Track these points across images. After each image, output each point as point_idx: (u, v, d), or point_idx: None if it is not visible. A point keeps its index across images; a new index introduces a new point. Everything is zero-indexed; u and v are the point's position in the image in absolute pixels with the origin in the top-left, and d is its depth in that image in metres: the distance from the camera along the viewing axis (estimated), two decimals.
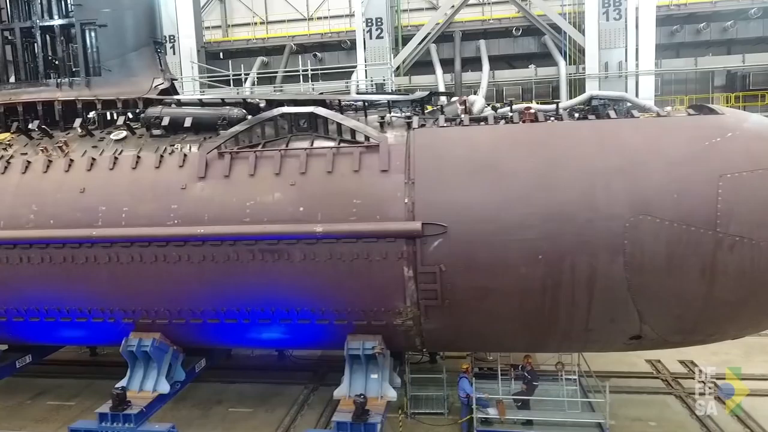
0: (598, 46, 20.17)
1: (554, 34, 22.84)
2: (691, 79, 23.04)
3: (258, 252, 9.76)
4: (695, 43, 23.33)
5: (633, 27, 20.17)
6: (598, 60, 20.24)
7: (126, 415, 10.00)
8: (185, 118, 10.94)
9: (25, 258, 10.51)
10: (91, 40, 12.13)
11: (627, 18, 20.15)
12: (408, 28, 23.76)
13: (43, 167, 10.92)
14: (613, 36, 20.19)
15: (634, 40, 20.15)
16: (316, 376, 15.02)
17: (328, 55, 25.15)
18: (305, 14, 26.77)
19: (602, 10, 20.06)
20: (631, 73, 20.10)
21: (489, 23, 24.00)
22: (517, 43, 24.18)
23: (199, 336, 11.05)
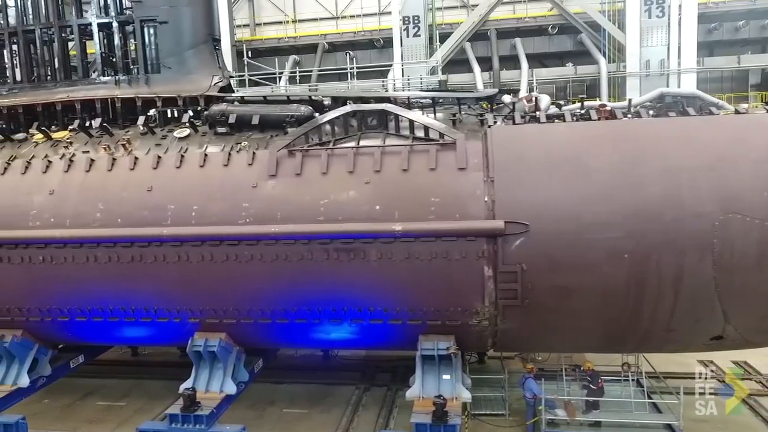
0: (640, 43, 20.04)
1: (591, 32, 22.71)
2: (727, 77, 22.85)
3: (333, 251, 9.63)
4: (731, 41, 23.13)
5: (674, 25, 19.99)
6: (639, 58, 20.10)
7: (198, 416, 9.86)
8: (252, 116, 10.81)
9: (92, 257, 10.39)
10: (150, 37, 11.99)
11: (670, 16, 20.00)
12: (442, 27, 23.64)
13: (108, 165, 10.80)
14: (655, 34, 20.03)
15: (675, 38, 19.97)
16: (365, 376, 14.89)
17: (360, 53, 25.01)
18: (334, 13, 26.64)
19: (644, 7, 19.92)
20: (673, 71, 19.95)
21: (524, 21, 23.88)
22: (551, 41, 24.03)
23: (265, 336, 10.94)
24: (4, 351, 11.40)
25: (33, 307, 11.08)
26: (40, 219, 10.58)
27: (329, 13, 26.72)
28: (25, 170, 11.09)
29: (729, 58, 22.23)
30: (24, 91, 12.70)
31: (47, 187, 10.80)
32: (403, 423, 12.16)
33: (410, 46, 21.40)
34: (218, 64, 12.39)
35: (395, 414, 12.73)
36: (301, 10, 27.08)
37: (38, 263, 10.62)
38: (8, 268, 10.77)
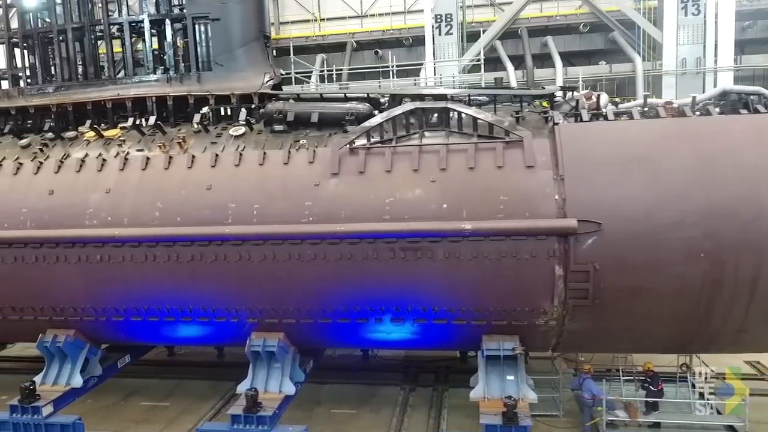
0: (676, 41, 19.87)
1: (624, 31, 22.54)
2: (759, 75, 22.64)
3: (399, 250, 9.52)
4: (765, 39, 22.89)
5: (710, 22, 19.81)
6: (675, 56, 19.93)
7: (261, 416, 9.76)
8: (311, 114, 10.69)
9: (151, 256, 10.29)
10: (202, 35, 11.89)
11: (706, 13, 19.82)
12: (471, 25, 23.49)
13: (164, 164, 10.70)
14: (692, 32, 19.86)
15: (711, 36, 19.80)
16: (407, 377, 14.78)
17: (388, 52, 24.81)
18: (359, 11, 26.49)
19: (681, 5, 19.75)
20: (710, 70, 19.79)
21: (555, 20, 23.73)
22: (581, 40, 23.87)
23: (323, 336, 10.84)
24: (57, 351, 11.31)
25: (88, 306, 10.98)
26: (97, 218, 10.49)
27: (354, 11, 26.57)
28: (79, 168, 10.99)
29: (766, 56, 22.03)
30: (72, 89, 12.60)
31: (103, 185, 10.70)
32: (455, 423, 12.08)
33: (442, 44, 21.29)
34: (269, 62, 12.27)
35: (445, 415, 12.60)
36: (325, 9, 26.93)
37: (95, 262, 10.52)
38: (64, 268, 10.67)
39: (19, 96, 12.96)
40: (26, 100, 12.88)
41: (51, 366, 11.45)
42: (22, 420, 10.56)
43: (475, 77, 20.59)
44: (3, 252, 10.82)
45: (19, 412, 10.59)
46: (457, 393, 13.61)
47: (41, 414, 10.54)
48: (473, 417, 12.34)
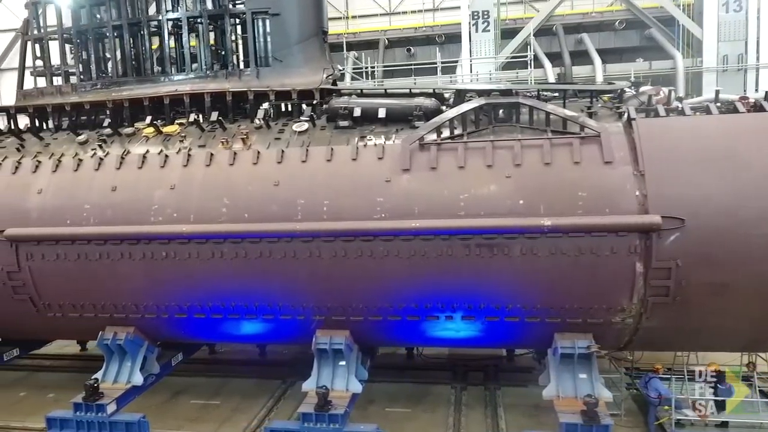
0: (717, 38, 19.73)
1: (661, 27, 22.40)
2: None
3: (474, 246, 9.41)
4: None
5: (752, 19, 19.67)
6: (717, 53, 19.79)
7: (332, 415, 9.66)
8: (378, 109, 10.58)
9: (218, 253, 10.19)
10: (261, 30, 11.79)
11: (748, 10, 19.69)
12: (505, 22, 23.38)
13: (229, 160, 10.60)
14: (733, 28, 19.71)
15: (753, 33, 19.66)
16: (456, 375, 14.66)
17: (418, 50, 24.78)
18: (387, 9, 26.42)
19: (722, 2, 19.61)
20: (752, 66, 19.64)
21: (590, 16, 23.61)
22: (617, 37, 23.75)
23: (390, 334, 10.75)
24: (117, 348, 11.24)
25: (150, 303, 10.90)
26: (163, 214, 10.40)
27: (383, 9, 26.50)
28: (141, 165, 10.91)
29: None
30: (127, 85, 12.52)
31: (167, 181, 10.61)
32: (514, 423, 11.95)
33: (479, 41, 21.18)
34: (327, 58, 12.16)
35: (502, 414, 12.47)
36: (354, 7, 26.86)
37: (160, 259, 10.44)
38: (128, 264, 10.60)
39: (73, 92, 12.89)
40: (79, 96, 12.81)
41: (110, 364, 11.36)
42: (86, 418, 10.49)
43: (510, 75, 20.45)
44: (66, 249, 10.75)
45: (83, 410, 10.52)
46: (509, 392, 13.54)
47: (106, 412, 10.47)
48: (530, 416, 12.36)
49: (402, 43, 25.47)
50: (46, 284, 11.09)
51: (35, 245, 10.86)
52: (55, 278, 11.02)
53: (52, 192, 11.02)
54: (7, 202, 11.15)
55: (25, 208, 11.01)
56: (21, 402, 14.16)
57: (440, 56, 23.30)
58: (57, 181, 11.12)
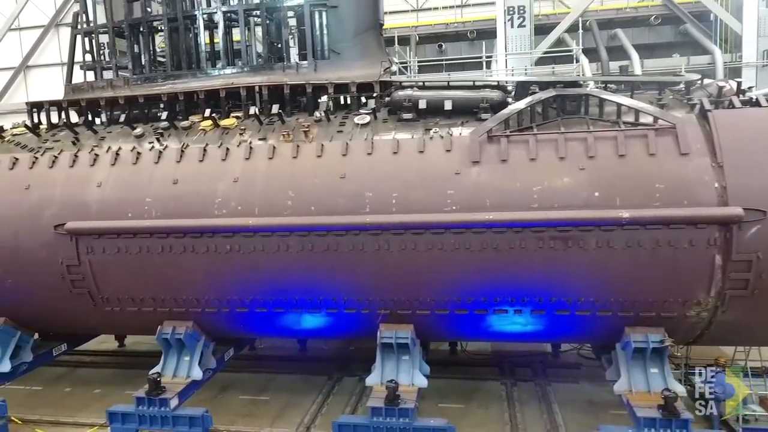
0: (757, 33, 19.58)
1: (696, 23, 22.27)
2: None
3: (548, 239, 9.31)
4: None
5: None
6: (756, 48, 19.65)
7: (402, 409, 9.58)
8: (444, 101, 10.49)
9: (284, 246, 10.11)
10: (319, 23, 11.71)
11: None
12: (538, 18, 23.27)
13: (292, 153, 10.51)
14: None
15: None
16: (503, 371, 14.56)
17: (449, 45, 24.66)
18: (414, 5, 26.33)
19: None
20: None
21: (624, 12, 23.48)
22: (650, 32, 23.60)
23: (454, 328, 10.68)
24: (176, 342, 11.17)
25: (212, 297, 10.83)
26: (227, 207, 10.33)
27: (410, 5, 26.40)
28: (202, 157, 10.83)
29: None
30: (181, 78, 12.46)
31: (230, 174, 10.53)
32: (571, 419, 11.83)
33: (514, 36, 21.07)
34: (384, 51, 12.07)
35: (556, 409, 12.35)
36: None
37: (224, 252, 10.36)
38: (191, 258, 10.53)
39: (124, 86, 12.83)
40: (131, 90, 12.75)
41: (169, 358, 11.31)
42: (149, 412, 10.43)
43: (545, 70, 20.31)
44: (127, 242, 10.69)
45: (146, 404, 10.46)
46: (560, 388, 13.42)
47: (169, 406, 10.40)
48: (586, 412, 12.25)
49: (431, 39, 25.37)
50: (106, 278, 11.03)
51: (96, 238, 10.80)
52: (115, 272, 10.95)
53: (112, 185, 10.96)
54: (66, 196, 11.08)
55: (84, 202, 10.95)
56: (67, 397, 14.13)
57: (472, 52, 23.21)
58: (116, 174, 11.05)
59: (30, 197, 11.24)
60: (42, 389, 14.50)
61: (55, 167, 11.43)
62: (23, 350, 12.53)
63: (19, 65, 29.35)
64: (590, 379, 13.80)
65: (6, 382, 12.34)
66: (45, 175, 11.38)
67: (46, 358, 13.36)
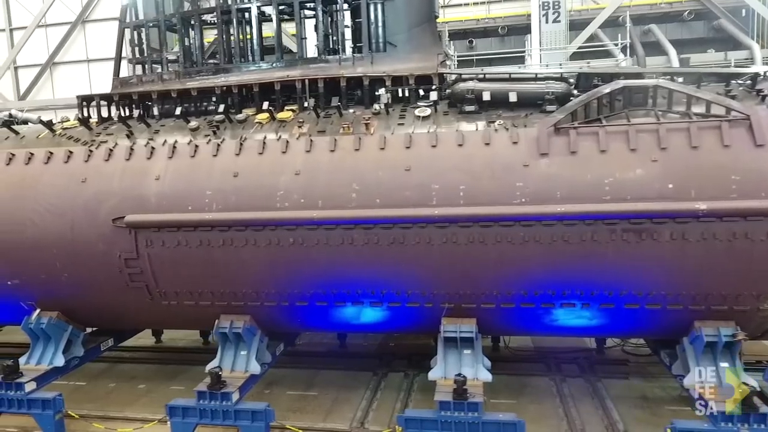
0: None
1: (731, 18, 22.14)
2: None
3: (620, 231, 9.22)
4: None
5: None
6: None
7: (471, 403, 9.51)
8: (509, 93, 10.40)
9: (348, 239, 10.04)
10: (376, 15, 11.63)
11: None
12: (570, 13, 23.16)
13: (355, 145, 10.44)
14: None
15: None
16: (550, 368, 14.46)
17: (479, 41, 24.57)
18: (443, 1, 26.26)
19: None
20: None
21: (658, 7, 23.35)
22: (683, 28, 23.46)
23: (516, 321, 10.58)
24: (234, 337, 11.12)
25: (272, 291, 10.77)
26: (289, 200, 10.25)
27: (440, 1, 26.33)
28: (262, 150, 10.76)
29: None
30: (235, 71, 12.40)
31: (291, 167, 10.46)
32: (628, 414, 11.72)
33: (549, 32, 20.97)
34: (439, 43, 11.98)
35: (610, 405, 12.25)
36: None
37: (286, 246, 10.29)
38: (252, 251, 10.46)
39: (175, 79, 12.78)
40: (182, 83, 12.69)
41: (226, 352, 11.25)
42: (210, 406, 10.38)
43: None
44: (187, 235, 10.63)
45: (208, 398, 10.40)
46: (611, 384, 13.31)
47: (231, 400, 10.35)
48: (642, 408, 12.17)
49: (459, 35, 25.28)
50: (165, 271, 10.98)
51: (155, 232, 10.74)
52: (174, 265, 10.90)
53: (171, 178, 10.90)
54: (123, 189, 11.03)
55: (143, 195, 10.89)
56: (113, 393, 14.10)
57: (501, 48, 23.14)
58: (174, 167, 10.99)
59: (86, 190, 11.19)
60: (86, 384, 14.48)
61: (111, 160, 11.37)
62: (74, 345, 12.49)
63: (45, 62, 29.37)
64: (640, 375, 13.75)
65: (59, 377, 12.28)
66: (101, 169, 11.32)
67: (95, 352, 13.33)
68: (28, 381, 11.19)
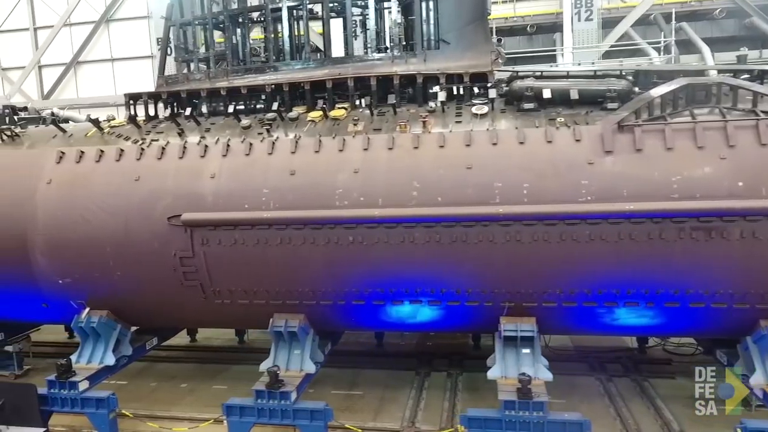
0: None
1: (764, 16, 22.02)
2: None
3: (689, 229, 9.15)
4: None
5: None
6: None
7: (537, 402, 9.44)
8: (570, 91, 10.34)
9: (409, 237, 9.98)
10: (429, 12, 11.57)
11: None
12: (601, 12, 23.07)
13: (413, 143, 10.39)
14: None
15: None
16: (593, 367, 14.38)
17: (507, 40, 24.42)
18: None
19: None
20: None
21: (689, 5, 23.24)
22: (714, 26, 23.36)
23: (576, 320, 10.52)
24: (289, 336, 11.07)
25: (329, 289, 10.72)
26: (348, 198, 10.20)
27: None
28: (318, 148, 10.71)
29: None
30: (284, 69, 12.35)
31: (349, 165, 10.41)
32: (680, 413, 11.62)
33: (581, 30, 20.90)
34: (492, 41, 11.92)
35: (660, 404, 12.19)
36: None
37: (345, 244, 10.24)
38: (309, 249, 10.41)
39: (224, 77, 12.73)
40: (229, 81, 12.65)
41: (279, 351, 11.21)
42: (268, 406, 10.33)
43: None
44: (244, 234, 10.58)
45: (266, 397, 10.35)
46: (658, 384, 13.28)
47: (290, 399, 10.30)
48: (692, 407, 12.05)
49: None
50: (220, 270, 10.93)
51: (212, 230, 10.70)
52: (230, 264, 10.85)
53: (226, 176, 10.85)
54: (178, 188, 10.99)
55: (198, 193, 10.85)
56: (155, 392, 14.12)
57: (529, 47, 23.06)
58: (229, 165, 10.94)
59: (140, 189, 11.15)
60: (127, 383, 14.46)
61: (164, 159, 11.34)
62: (122, 344, 12.46)
63: (69, 61, 29.38)
64: (686, 375, 13.66)
65: (109, 375, 12.26)
66: (154, 167, 11.28)
67: (141, 351, 13.30)
68: (82, 380, 11.15)
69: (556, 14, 22.75)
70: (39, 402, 11.00)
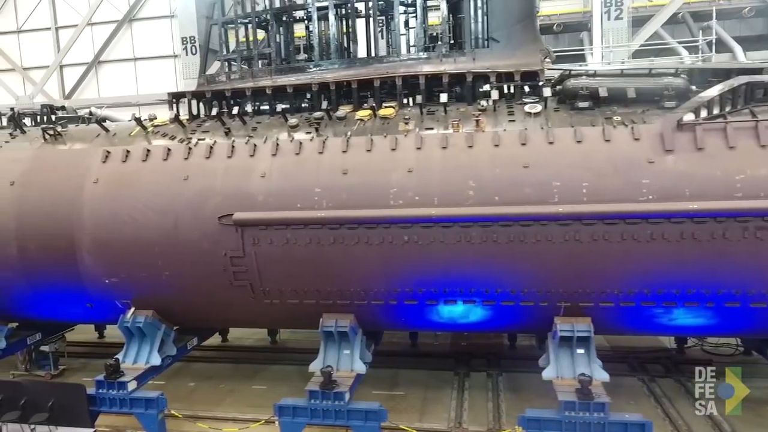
0: None
1: None
2: None
3: (753, 229, 9.07)
4: None
5: None
6: None
7: (598, 403, 9.37)
8: (627, 89, 10.25)
9: (465, 237, 9.91)
10: (479, 10, 11.50)
11: None
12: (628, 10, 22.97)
13: (467, 142, 10.31)
14: None
15: None
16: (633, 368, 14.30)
17: None
18: None
19: None
20: None
21: (718, 4, 23.12)
22: (742, 24, 23.23)
23: (633, 320, 10.41)
24: (339, 335, 11.00)
25: (381, 289, 10.64)
26: (403, 198, 10.13)
27: None
28: (370, 147, 10.65)
29: None
30: (330, 68, 12.29)
31: (403, 164, 10.34)
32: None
33: (611, 29, 20.80)
34: (541, 39, 11.83)
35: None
36: None
37: (400, 244, 10.17)
38: (363, 249, 10.33)
39: (268, 76, 12.68)
40: (273, 80, 12.60)
41: (329, 351, 11.14)
42: (322, 406, 10.27)
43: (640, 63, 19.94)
44: (296, 233, 10.51)
45: (320, 398, 10.29)
46: None
47: (344, 400, 10.24)
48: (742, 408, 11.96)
49: None
50: (270, 270, 10.87)
51: (263, 230, 10.63)
52: (280, 263, 10.79)
53: (277, 176, 10.79)
54: (228, 187, 10.92)
55: (249, 193, 10.78)
56: (194, 392, 14.08)
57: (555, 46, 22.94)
58: (279, 164, 10.88)
59: (189, 188, 11.08)
60: (165, 383, 14.39)
61: (213, 158, 11.27)
62: (166, 344, 12.41)
63: (91, 60, 29.36)
64: None
65: (155, 375, 12.22)
66: (203, 166, 11.22)
67: (183, 351, 13.26)
68: (131, 380, 11.10)
69: (583, 13, 22.70)
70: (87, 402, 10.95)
